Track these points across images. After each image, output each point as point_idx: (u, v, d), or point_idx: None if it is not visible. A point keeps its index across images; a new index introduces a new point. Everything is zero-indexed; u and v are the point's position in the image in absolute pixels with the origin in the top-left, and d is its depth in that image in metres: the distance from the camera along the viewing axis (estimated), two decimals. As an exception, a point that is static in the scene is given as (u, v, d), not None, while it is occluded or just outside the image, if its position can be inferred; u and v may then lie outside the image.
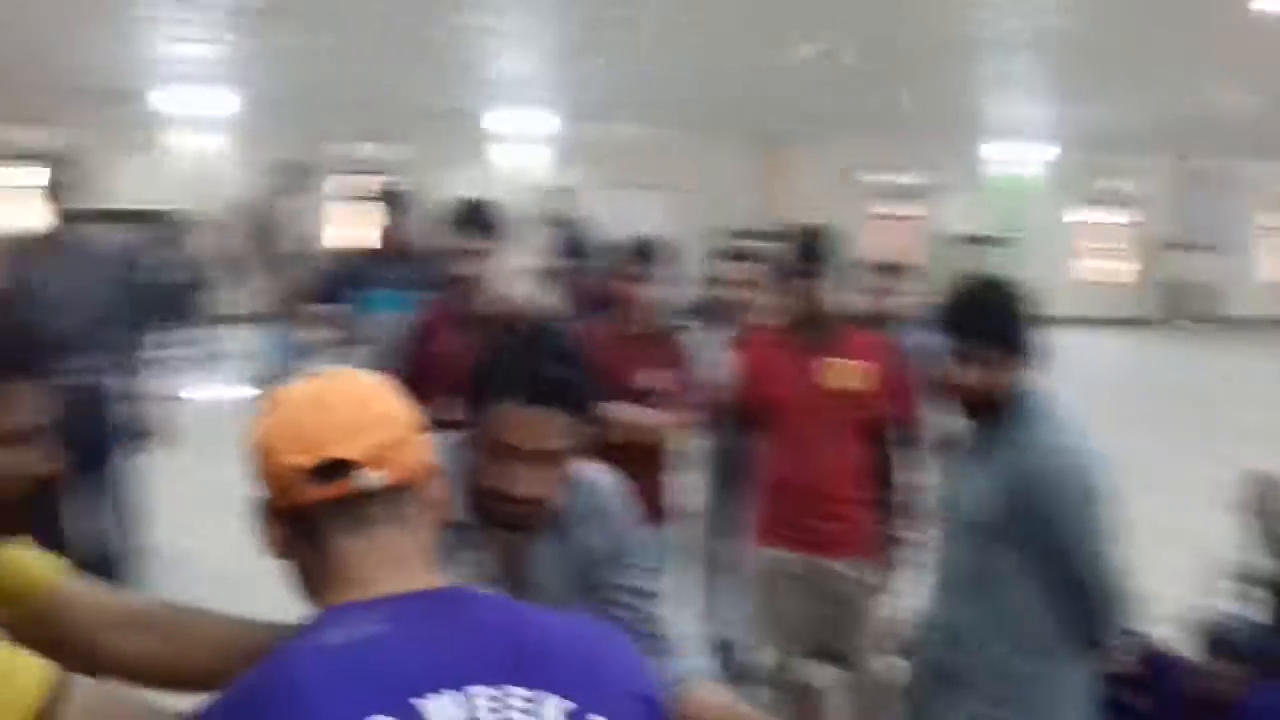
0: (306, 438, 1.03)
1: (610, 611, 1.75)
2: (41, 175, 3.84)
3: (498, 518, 1.59)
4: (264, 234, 7.19)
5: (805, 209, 13.75)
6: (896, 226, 14.93)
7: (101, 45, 10.17)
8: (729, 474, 3.20)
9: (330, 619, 1.00)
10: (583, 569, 1.73)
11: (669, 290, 3.37)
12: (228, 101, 11.63)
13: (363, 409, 1.06)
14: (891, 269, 3.78)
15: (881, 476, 3.07)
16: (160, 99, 11.36)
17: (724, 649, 3.62)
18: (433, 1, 9.65)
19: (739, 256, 3.60)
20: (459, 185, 12.24)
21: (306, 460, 1.01)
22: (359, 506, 1.03)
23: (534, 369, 1.52)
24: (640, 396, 3.25)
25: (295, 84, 11.27)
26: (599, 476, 1.77)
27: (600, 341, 3.32)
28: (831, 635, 3.03)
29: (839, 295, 3.09)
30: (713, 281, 3.61)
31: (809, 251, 2.99)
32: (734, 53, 10.66)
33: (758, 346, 3.14)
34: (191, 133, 11.60)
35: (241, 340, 8.13)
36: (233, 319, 8.79)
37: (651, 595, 1.76)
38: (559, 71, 11.58)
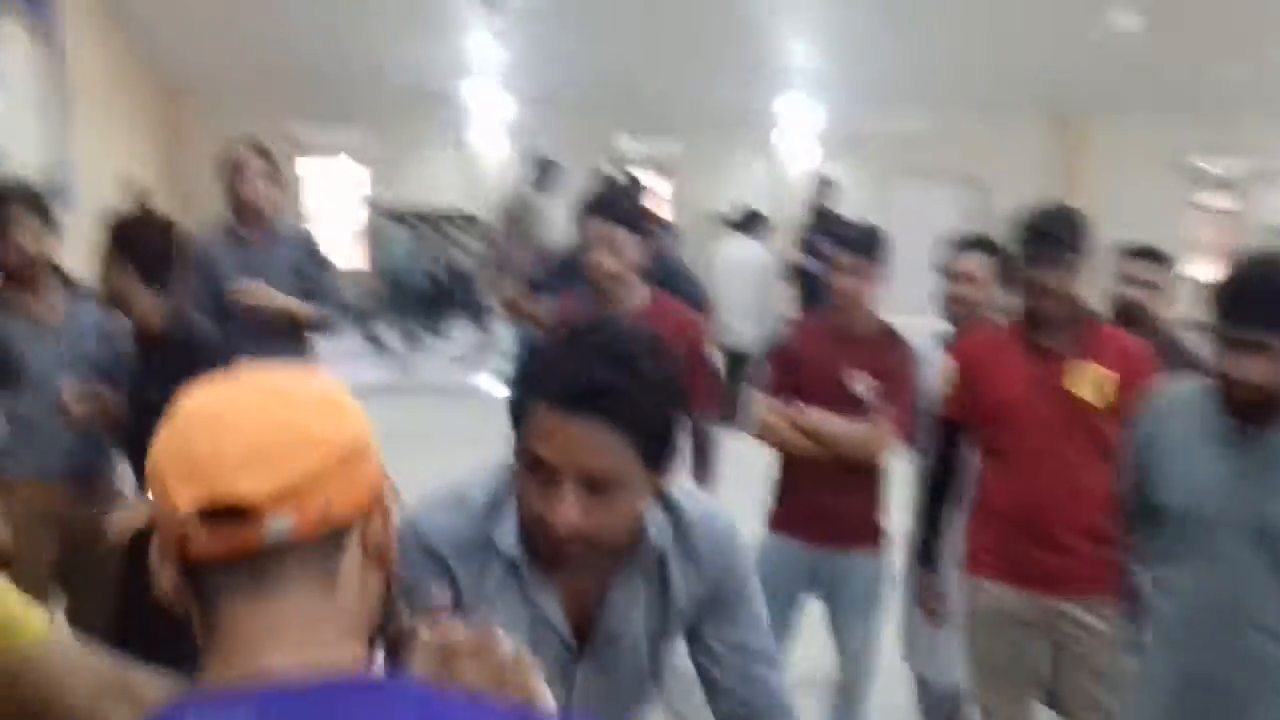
0: (194, 468, 0.78)
1: (709, 670, 1.53)
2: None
3: (542, 552, 1.34)
4: (520, 229, 7.27)
5: (1113, 198, 12.60)
6: (1218, 217, 13.40)
7: (411, 46, 10.74)
8: (940, 494, 2.80)
9: (190, 709, 0.78)
10: (677, 619, 1.50)
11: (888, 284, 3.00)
12: (511, 102, 12.01)
13: (277, 429, 0.79)
14: (1154, 257, 3.20)
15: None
16: (459, 99, 11.89)
17: (928, 693, 3.24)
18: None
19: (971, 245, 3.16)
20: (742, 181, 12.31)
21: (190, 498, 0.77)
22: (261, 563, 0.78)
23: (577, 367, 1.24)
24: (852, 403, 2.93)
25: (577, 83, 11.50)
26: (701, 509, 1.50)
27: (812, 338, 3.02)
28: (1059, 688, 2.59)
29: (1087, 287, 2.63)
30: (947, 276, 3.18)
31: (1045, 234, 2.55)
32: (1034, 26, 9.86)
33: (981, 346, 2.72)
34: (489, 132, 12.07)
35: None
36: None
37: (758, 654, 1.53)
38: (843, 60, 11.17)
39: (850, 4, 9.82)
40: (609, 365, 1.24)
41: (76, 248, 3.17)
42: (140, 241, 2.75)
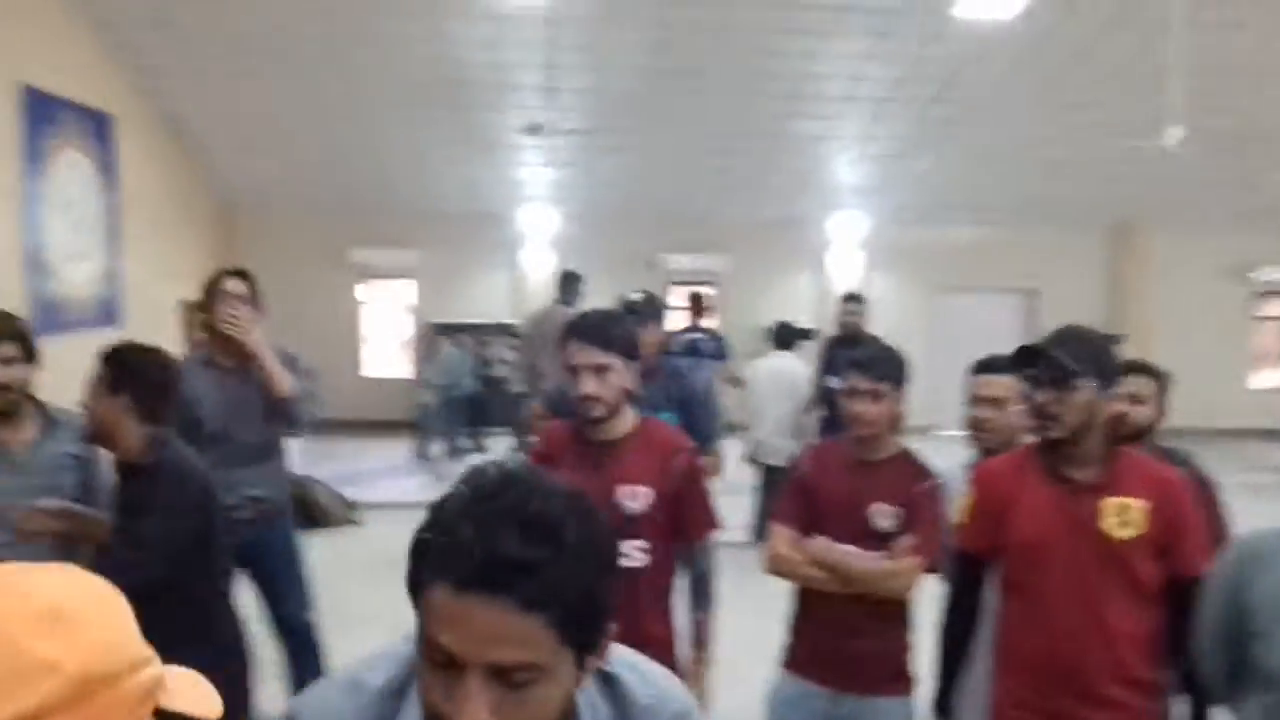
0: None
1: None
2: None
3: None
4: (544, 342, 7.22)
5: (1172, 310, 12.30)
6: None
7: (460, 169, 10.94)
8: (958, 636, 2.59)
9: None
10: None
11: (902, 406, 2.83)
12: (558, 219, 12.13)
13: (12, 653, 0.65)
14: (1144, 370, 3.02)
15: (1172, 648, 2.35)
16: (507, 218, 12.04)
17: None
18: (757, 113, 9.64)
19: (990, 367, 2.99)
20: (790, 294, 12.26)
21: None
22: None
23: (480, 539, 1.02)
24: (873, 535, 2.75)
25: (623, 201, 11.60)
26: (652, 690, 1.30)
27: (830, 466, 2.86)
28: None
29: (1114, 410, 2.45)
30: (971, 399, 3.02)
31: (1045, 356, 2.39)
32: (1085, 141, 9.78)
33: (1001, 474, 2.54)
34: (536, 249, 12.19)
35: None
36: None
37: None
38: (889, 175, 11.15)
39: (897, 119, 9.83)
40: (520, 535, 1.03)
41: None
42: (139, 374, 2.69)
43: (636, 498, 2.64)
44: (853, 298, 7.45)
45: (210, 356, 3.75)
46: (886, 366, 2.80)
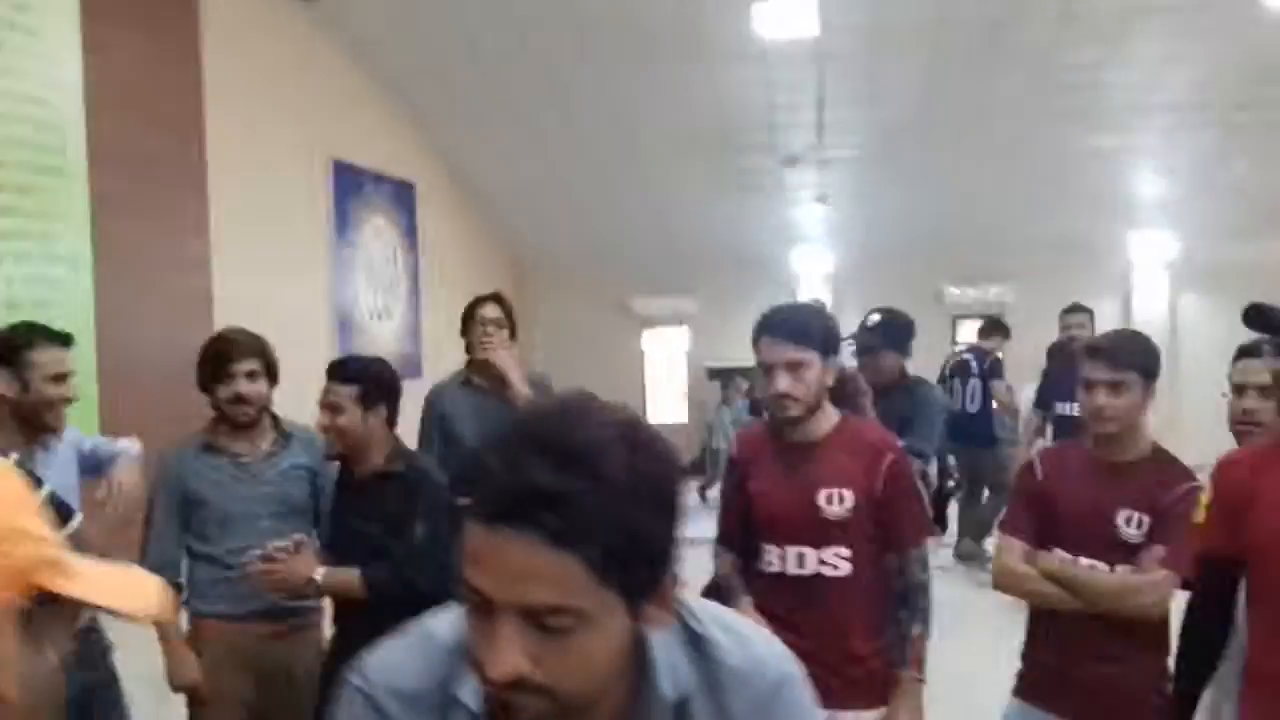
0: None
1: None
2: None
3: (489, 710, 1.01)
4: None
5: None
6: None
7: (739, 216, 11.06)
8: (1198, 655, 2.25)
9: None
10: None
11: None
12: (832, 258, 11.98)
13: None
14: None
15: None
16: (789, 261, 12.02)
17: None
18: (1043, 131, 9.14)
19: (1255, 352, 2.61)
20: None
21: None
22: None
23: (509, 469, 0.93)
24: (1119, 547, 2.46)
25: (900, 235, 11.29)
26: (747, 653, 1.14)
27: (1068, 471, 2.60)
28: None
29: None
30: (1231, 388, 2.66)
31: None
32: None
33: (1245, 466, 2.19)
34: (810, 289, 12.08)
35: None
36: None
37: None
38: (1192, 188, 10.23)
39: (1202, 126, 9.03)
40: (552, 463, 0.92)
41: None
42: (389, 388, 2.84)
43: (838, 501, 2.50)
44: (1077, 309, 6.71)
45: (468, 377, 3.94)
46: (1131, 353, 2.50)
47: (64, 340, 2.91)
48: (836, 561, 2.50)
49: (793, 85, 8.73)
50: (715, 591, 2.68)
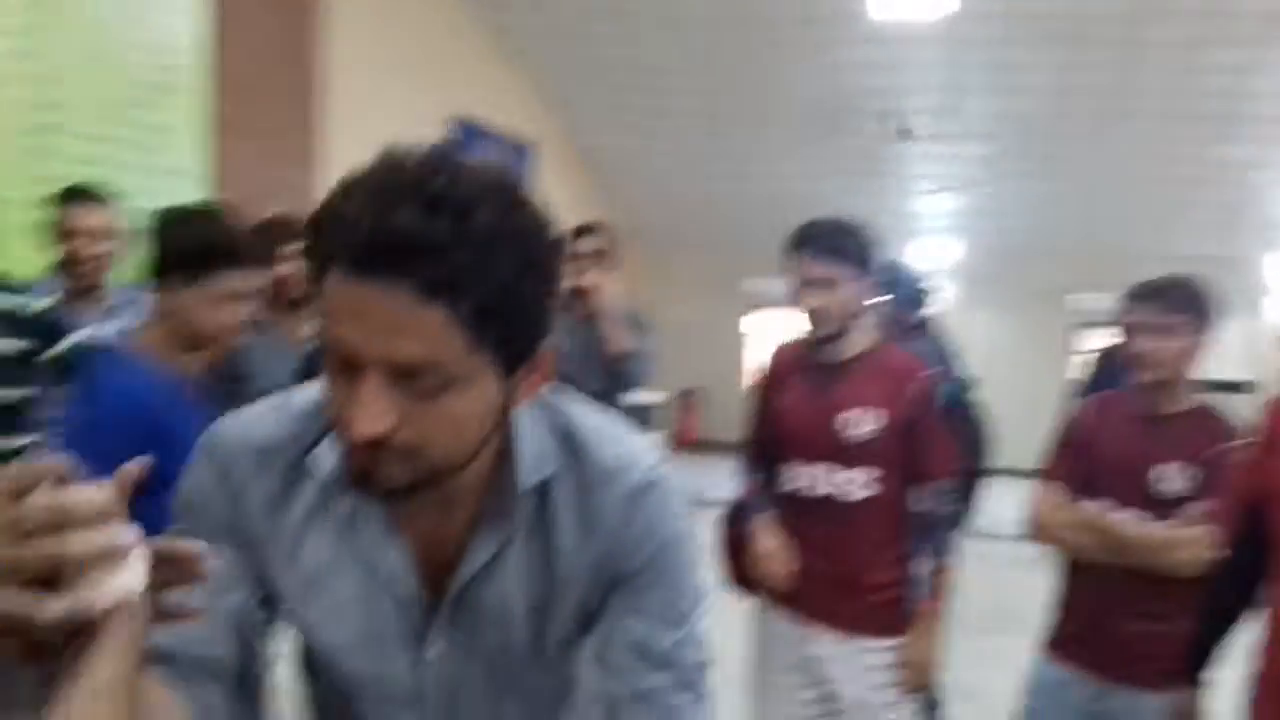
0: None
1: (598, 685, 1.09)
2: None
3: (348, 470, 0.96)
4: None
5: None
6: None
7: (859, 203, 10.89)
8: (1221, 608, 2.11)
9: None
10: (565, 591, 1.10)
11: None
12: (960, 249, 11.68)
13: None
14: None
15: None
16: (909, 252, 11.79)
17: None
18: (1178, 137, 8.73)
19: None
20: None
21: None
22: None
23: (375, 213, 0.87)
24: (1158, 500, 2.34)
25: (1024, 232, 10.94)
26: (618, 450, 1.10)
27: (1110, 420, 2.48)
28: None
29: None
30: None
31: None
32: None
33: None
34: (937, 281, 11.80)
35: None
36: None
37: (659, 661, 1.08)
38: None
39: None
40: (422, 210, 0.87)
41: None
42: None
43: (861, 423, 2.43)
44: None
45: (562, 306, 4.02)
46: (1181, 297, 2.37)
47: (79, 196, 3.10)
48: (855, 486, 2.43)
49: (921, 68, 8.53)
50: (738, 511, 2.65)
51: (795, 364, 2.58)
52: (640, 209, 11.92)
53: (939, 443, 2.49)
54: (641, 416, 7.34)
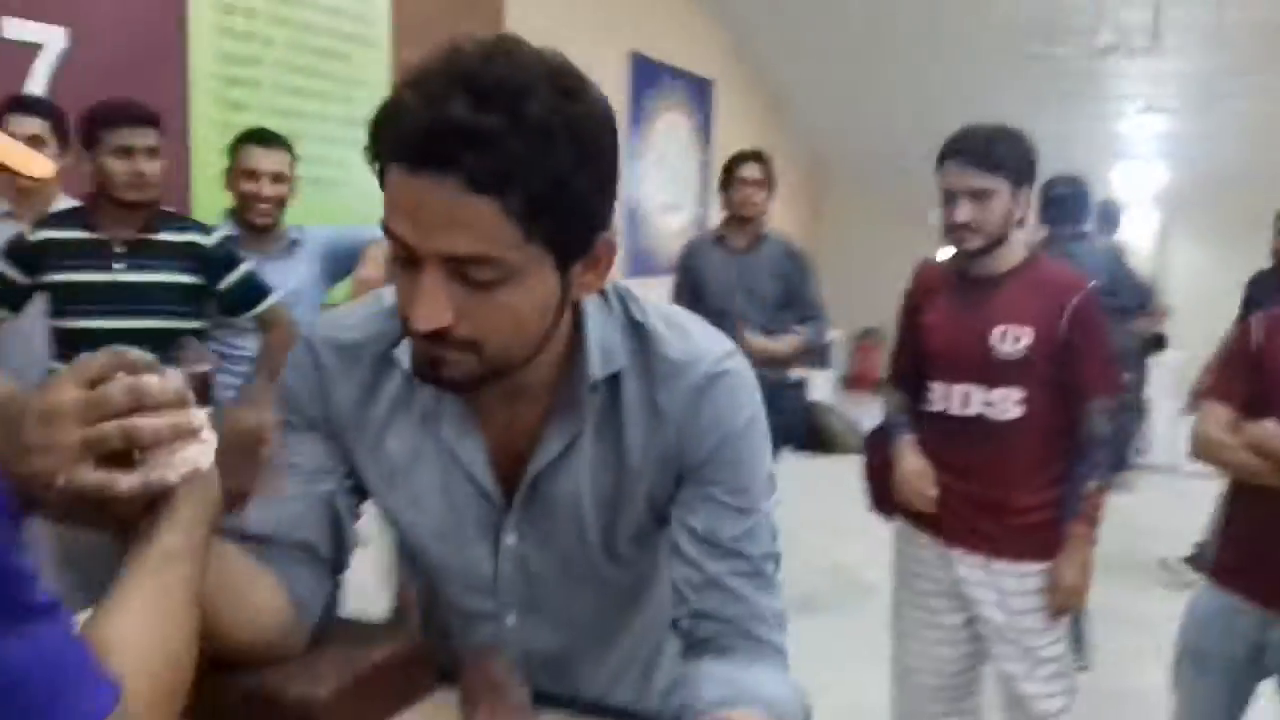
0: None
1: (674, 573, 1.12)
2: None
3: (413, 364, 1.02)
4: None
5: None
6: None
7: (1057, 128, 10.36)
8: None
9: None
10: (634, 483, 1.13)
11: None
12: (1165, 174, 10.94)
13: None
14: None
15: None
16: (1108, 180, 11.14)
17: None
18: None
19: None
20: None
21: None
22: None
23: (427, 107, 0.88)
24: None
25: (1239, 158, 10.13)
26: (687, 345, 1.11)
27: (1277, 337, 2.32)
28: None
29: None
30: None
31: None
32: None
33: None
34: (1136, 210, 11.13)
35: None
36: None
37: (730, 552, 1.09)
38: None
39: None
40: (472, 101, 0.87)
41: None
42: None
43: (1013, 340, 2.34)
44: None
45: (722, 235, 4.04)
46: None
47: (262, 139, 3.30)
48: (1007, 404, 2.36)
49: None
50: (882, 434, 2.61)
51: (943, 281, 2.50)
52: (825, 143, 11.69)
53: (1098, 360, 2.38)
54: (819, 355, 7.28)
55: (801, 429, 4.24)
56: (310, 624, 1.14)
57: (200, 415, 0.89)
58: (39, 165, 1.04)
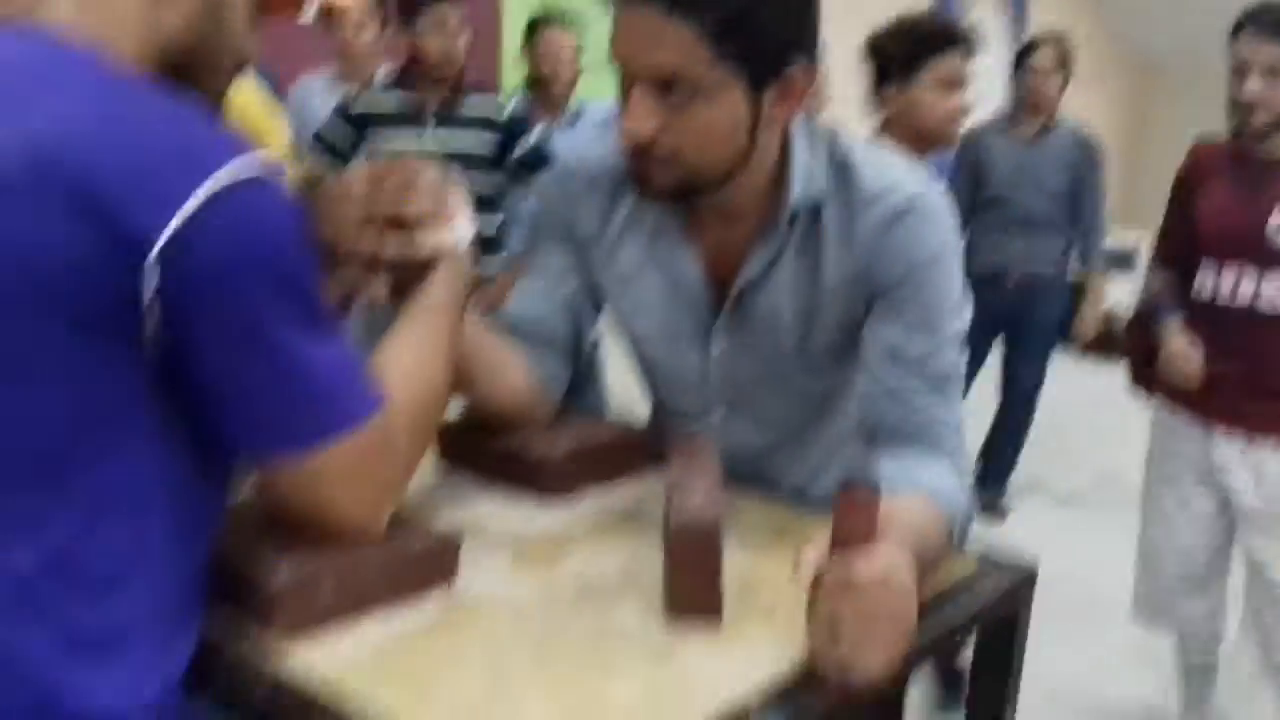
0: None
1: (860, 384, 1.24)
2: None
3: (628, 172, 1.18)
4: None
5: None
6: None
7: None
8: None
9: None
10: (829, 300, 1.24)
11: None
12: None
13: None
14: None
15: None
16: None
17: None
18: None
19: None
20: None
21: None
22: None
23: None
24: None
25: None
26: (885, 176, 1.21)
27: None
28: None
29: None
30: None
31: None
32: None
33: None
34: None
35: None
36: None
37: (912, 364, 1.19)
38: None
39: None
40: None
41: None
42: None
43: None
44: None
45: (1010, 123, 3.96)
46: None
47: (557, 21, 3.57)
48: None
49: None
50: (1147, 313, 2.55)
51: (1222, 162, 2.38)
52: (1154, 38, 10.79)
53: None
54: (1117, 259, 6.86)
55: (1063, 328, 4.09)
56: (552, 400, 1.37)
57: (461, 200, 1.10)
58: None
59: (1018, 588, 1.11)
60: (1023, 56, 3.90)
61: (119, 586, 0.82)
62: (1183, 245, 2.43)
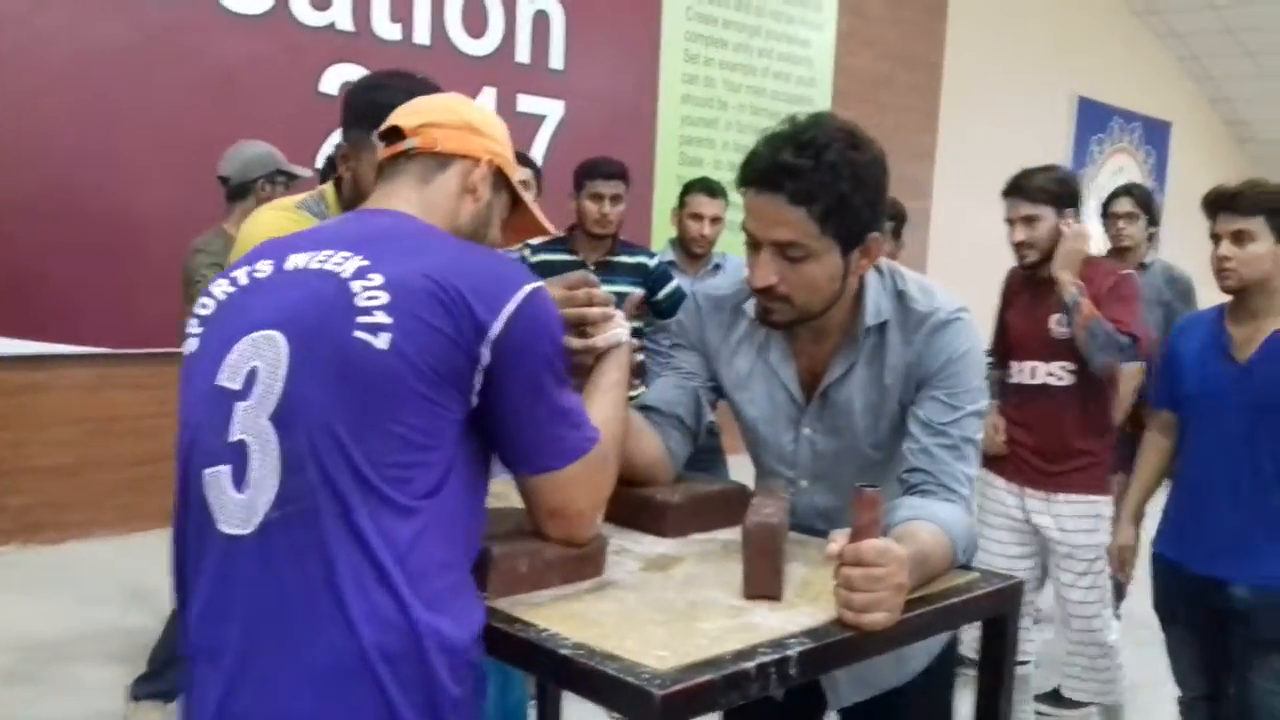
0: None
1: (899, 445, 1.69)
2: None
3: (757, 309, 1.68)
4: None
5: None
6: None
7: None
8: None
9: None
10: (891, 393, 1.70)
11: None
12: None
13: (437, 103, 1.51)
14: None
15: None
16: None
17: None
18: None
19: None
20: None
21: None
22: (398, 162, 1.47)
23: (768, 153, 1.54)
24: None
25: None
26: (931, 304, 1.68)
27: None
28: None
29: None
30: None
31: None
32: None
33: None
34: None
35: None
36: None
37: (939, 431, 1.63)
38: None
39: None
40: (793, 150, 1.52)
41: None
42: None
43: (1063, 324, 3.13)
44: None
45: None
46: None
47: (707, 188, 4.13)
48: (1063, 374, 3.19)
49: None
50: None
51: (1020, 284, 3.32)
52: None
53: (1120, 305, 3.05)
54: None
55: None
56: (675, 466, 1.86)
57: (618, 312, 1.63)
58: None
59: (1007, 592, 1.54)
60: (1106, 206, 4.28)
61: (451, 567, 1.30)
62: (1001, 345, 3.32)
